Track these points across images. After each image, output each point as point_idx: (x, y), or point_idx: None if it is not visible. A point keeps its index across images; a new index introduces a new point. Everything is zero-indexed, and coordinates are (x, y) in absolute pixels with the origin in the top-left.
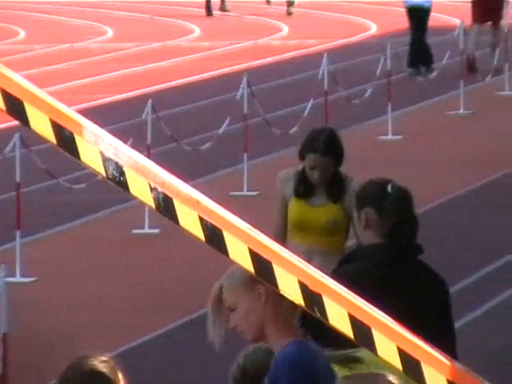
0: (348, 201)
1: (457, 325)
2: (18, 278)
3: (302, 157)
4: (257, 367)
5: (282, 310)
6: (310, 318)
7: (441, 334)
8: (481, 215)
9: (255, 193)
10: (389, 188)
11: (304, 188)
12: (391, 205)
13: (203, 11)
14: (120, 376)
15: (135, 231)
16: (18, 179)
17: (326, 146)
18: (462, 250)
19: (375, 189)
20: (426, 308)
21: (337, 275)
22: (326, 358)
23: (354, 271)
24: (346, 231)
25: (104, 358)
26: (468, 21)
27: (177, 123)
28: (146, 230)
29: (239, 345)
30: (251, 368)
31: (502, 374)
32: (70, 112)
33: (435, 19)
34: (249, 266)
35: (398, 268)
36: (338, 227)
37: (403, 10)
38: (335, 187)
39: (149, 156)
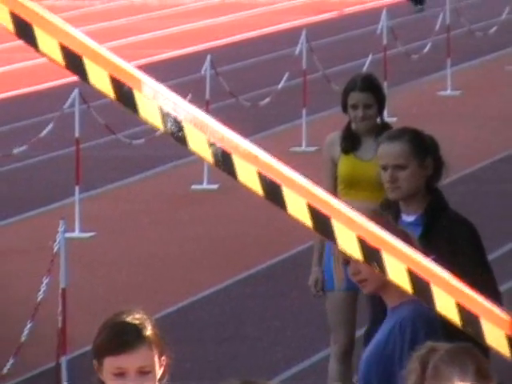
0: None
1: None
2: (77, 233)
3: (344, 108)
4: None
5: None
6: None
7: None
8: None
9: (314, 148)
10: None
11: (351, 141)
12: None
13: None
14: (149, 333)
15: (194, 187)
16: (77, 135)
17: (363, 82)
18: None
19: (430, 141)
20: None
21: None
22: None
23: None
24: None
25: (137, 316)
26: None
27: (235, 79)
28: (205, 186)
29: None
30: None
31: None
32: (129, 67)
33: None
34: (307, 221)
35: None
36: None
37: None
38: None
39: (207, 111)
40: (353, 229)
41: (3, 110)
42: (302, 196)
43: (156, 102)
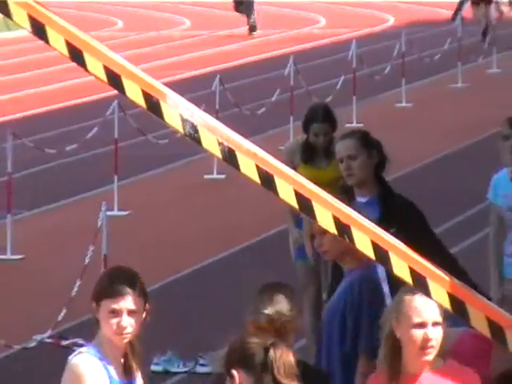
0: None
1: None
2: (115, 212)
3: (305, 129)
4: None
5: None
6: None
7: None
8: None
9: None
10: None
11: (311, 154)
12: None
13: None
14: (138, 283)
15: (206, 176)
16: (115, 136)
17: (323, 115)
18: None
19: (375, 139)
20: None
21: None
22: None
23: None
24: None
25: (129, 270)
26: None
27: (238, 93)
28: (215, 176)
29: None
30: None
31: None
32: (157, 83)
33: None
34: (294, 203)
35: None
36: None
37: (414, 7)
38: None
39: (217, 118)
40: (329, 209)
41: (59, 117)
42: (289, 184)
43: (177, 110)
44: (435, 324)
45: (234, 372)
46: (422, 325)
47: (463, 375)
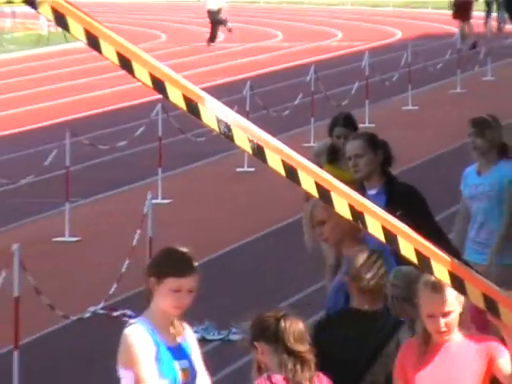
0: None
1: None
2: (159, 200)
3: (330, 133)
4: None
5: (355, 227)
6: None
7: None
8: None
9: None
10: None
11: (335, 155)
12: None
13: (286, 22)
14: (196, 263)
15: (238, 169)
16: (160, 134)
17: (344, 120)
18: None
19: (381, 140)
20: None
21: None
22: None
23: None
24: None
25: (186, 249)
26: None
27: (266, 98)
28: (246, 169)
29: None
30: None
31: None
32: (196, 89)
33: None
34: (314, 192)
35: None
36: None
37: (418, 23)
38: None
39: (247, 119)
40: (345, 198)
41: (111, 118)
42: (311, 176)
43: (213, 112)
44: (445, 314)
45: (256, 344)
46: (432, 316)
47: (484, 341)
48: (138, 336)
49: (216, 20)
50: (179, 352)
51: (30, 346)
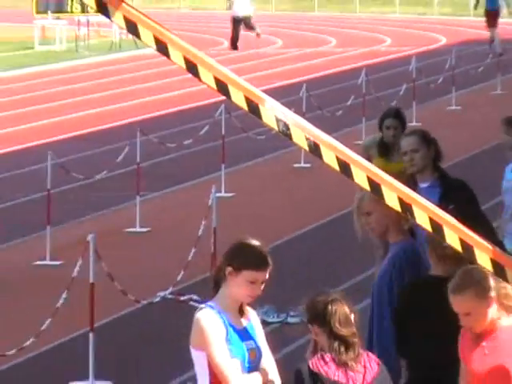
0: None
1: None
2: (222, 193)
3: (380, 125)
4: None
5: (399, 218)
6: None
7: None
8: None
9: None
10: None
11: (385, 149)
12: None
13: (339, 29)
14: (267, 263)
15: (295, 165)
16: (223, 133)
17: (395, 113)
18: None
19: (433, 137)
20: None
21: None
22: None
23: None
24: None
25: (259, 242)
26: None
27: (321, 98)
28: (302, 165)
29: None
30: None
31: None
32: (256, 91)
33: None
34: (366, 186)
35: None
36: None
37: (462, 29)
38: None
39: (304, 118)
40: (394, 191)
41: (178, 117)
42: (363, 171)
43: (273, 112)
44: (465, 315)
45: (310, 326)
46: (458, 313)
47: None
48: (210, 319)
49: (247, 25)
50: (246, 334)
51: (104, 329)
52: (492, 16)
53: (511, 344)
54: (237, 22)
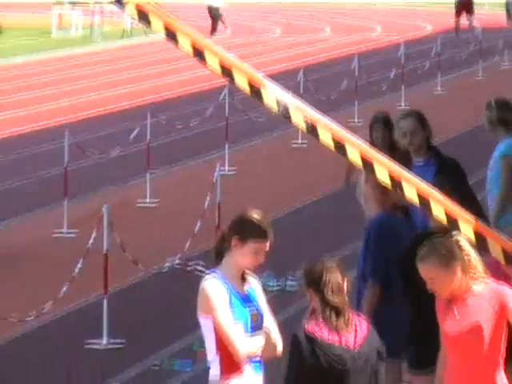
0: None
1: None
2: (226, 171)
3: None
4: None
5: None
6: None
7: None
8: None
9: (361, 123)
10: None
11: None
12: None
13: (333, 18)
14: (269, 234)
15: (293, 144)
16: (226, 114)
17: (383, 119)
18: None
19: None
20: None
21: None
22: (406, 224)
23: None
24: None
25: (262, 214)
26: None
27: (317, 83)
28: (300, 143)
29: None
30: None
31: None
32: (258, 75)
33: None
34: (360, 163)
35: None
36: None
37: (446, 18)
38: None
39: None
40: (384, 167)
41: (185, 100)
42: (355, 149)
43: (273, 95)
44: (431, 281)
45: (307, 290)
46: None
47: (497, 289)
48: (214, 287)
49: (216, 16)
50: (248, 299)
51: (117, 295)
52: (466, 5)
53: (480, 308)
54: (212, 11)
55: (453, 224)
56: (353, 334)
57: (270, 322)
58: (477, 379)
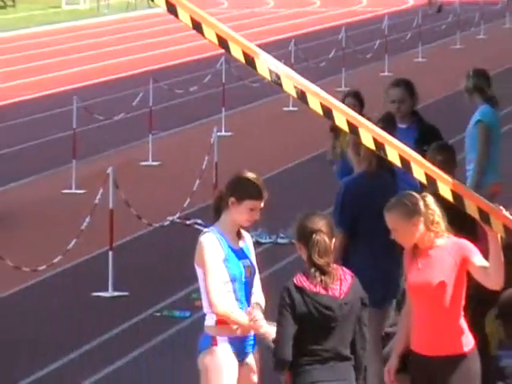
0: None
1: None
2: (223, 133)
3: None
4: None
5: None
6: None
7: None
8: None
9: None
10: None
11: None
12: None
13: None
14: (264, 193)
15: (285, 108)
16: (223, 81)
17: (353, 93)
18: None
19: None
20: None
21: None
22: (387, 183)
23: None
24: None
25: (256, 175)
26: None
27: (307, 51)
28: (291, 108)
29: None
30: None
31: None
32: (252, 45)
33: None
34: (346, 128)
35: None
36: None
37: None
38: None
39: (292, 69)
40: (368, 131)
41: (185, 67)
42: (342, 115)
43: (266, 64)
44: (394, 231)
45: (297, 244)
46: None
47: (458, 243)
48: (210, 242)
49: None
50: (242, 253)
51: (122, 248)
52: None
53: (441, 260)
54: None
55: (432, 183)
56: (338, 285)
57: (257, 284)
58: (439, 327)
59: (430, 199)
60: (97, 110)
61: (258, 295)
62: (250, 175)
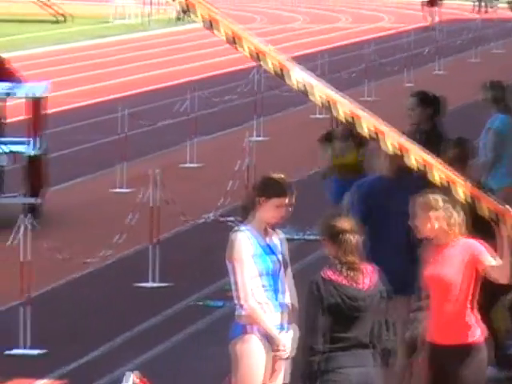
0: None
1: None
2: (256, 138)
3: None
4: None
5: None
6: None
7: None
8: None
9: (370, 99)
10: None
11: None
12: None
13: (350, 9)
14: (289, 191)
15: (311, 116)
16: (255, 88)
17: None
18: None
19: (434, 98)
20: None
21: None
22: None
23: None
24: None
25: (282, 175)
26: None
27: (336, 65)
28: (317, 116)
29: None
30: None
31: None
32: (282, 59)
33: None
34: (367, 132)
35: None
36: None
37: (445, 10)
38: None
39: (325, 80)
40: (393, 139)
41: (222, 78)
42: (365, 123)
43: (294, 75)
44: (413, 218)
45: (325, 242)
46: None
47: (470, 242)
48: (241, 239)
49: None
50: (270, 249)
51: (166, 243)
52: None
53: (452, 258)
54: None
55: (448, 186)
56: (361, 279)
57: (288, 271)
58: (449, 317)
59: (450, 204)
60: (143, 116)
61: (290, 292)
62: (275, 175)
